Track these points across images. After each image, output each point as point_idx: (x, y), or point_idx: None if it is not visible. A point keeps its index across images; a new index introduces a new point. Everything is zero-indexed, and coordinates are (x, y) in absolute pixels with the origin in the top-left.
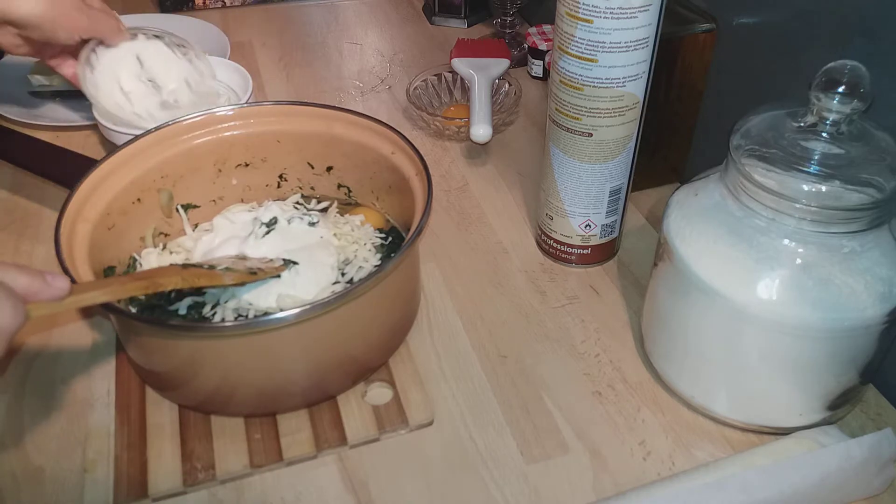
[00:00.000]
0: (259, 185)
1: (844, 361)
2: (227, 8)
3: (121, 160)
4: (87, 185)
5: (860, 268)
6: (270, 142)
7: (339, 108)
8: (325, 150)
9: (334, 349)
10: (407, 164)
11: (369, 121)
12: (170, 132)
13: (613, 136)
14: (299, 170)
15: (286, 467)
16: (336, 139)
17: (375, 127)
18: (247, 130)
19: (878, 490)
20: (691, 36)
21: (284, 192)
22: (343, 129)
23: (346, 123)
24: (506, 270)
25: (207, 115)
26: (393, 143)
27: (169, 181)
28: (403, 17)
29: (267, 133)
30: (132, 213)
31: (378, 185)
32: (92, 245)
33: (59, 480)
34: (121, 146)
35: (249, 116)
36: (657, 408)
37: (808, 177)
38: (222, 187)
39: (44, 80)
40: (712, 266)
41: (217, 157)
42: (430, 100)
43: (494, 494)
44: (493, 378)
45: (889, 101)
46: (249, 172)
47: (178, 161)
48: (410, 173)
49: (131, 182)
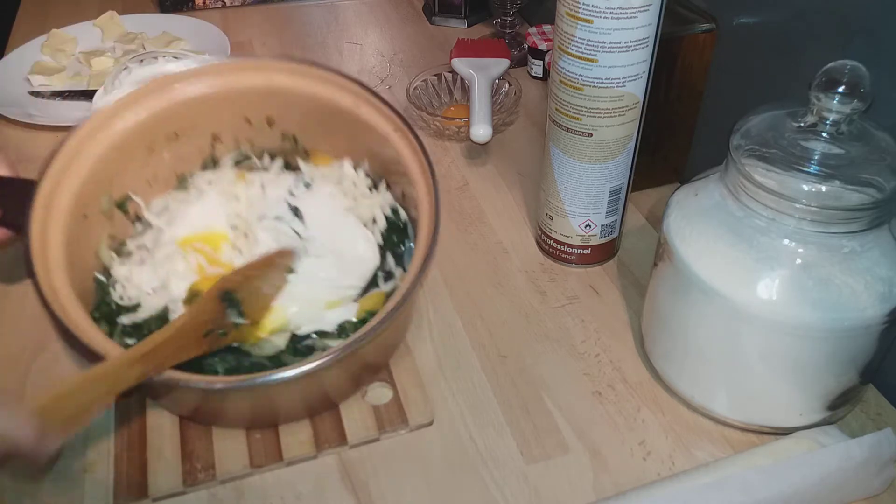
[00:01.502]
0: (191, 151)
1: (844, 361)
2: (227, 8)
3: (55, 179)
4: (38, 215)
5: (860, 268)
6: (199, 105)
7: (280, 57)
8: (264, 103)
9: (341, 375)
10: (378, 118)
11: (321, 70)
12: (93, 127)
13: (613, 136)
14: (234, 127)
15: (286, 467)
16: (277, 91)
17: (330, 77)
18: (171, 100)
19: (878, 490)
20: (691, 36)
21: (220, 154)
22: (287, 81)
23: (289, 74)
24: (506, 270)
25: (126, 96)
26: (355, 95)
27: (107, 182)
28: (403, 17)
29: (194, 98)
30: (83, 234)
31: (340, 139)
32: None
33: (59, 480)
34: (47, 162)
35: (174, 83)
36: (657, 408)
37: (808, 177)
38: (155, 166)
39: (44, 80)
40: (712, 266)
41: (146, 136)
42: (430, 100)
43: (494, 494)
44: (493, 378)
45: (889, 101)
46: (180, 143)
47: (112, 157)
48: (387, 129)
49: (75, 199)
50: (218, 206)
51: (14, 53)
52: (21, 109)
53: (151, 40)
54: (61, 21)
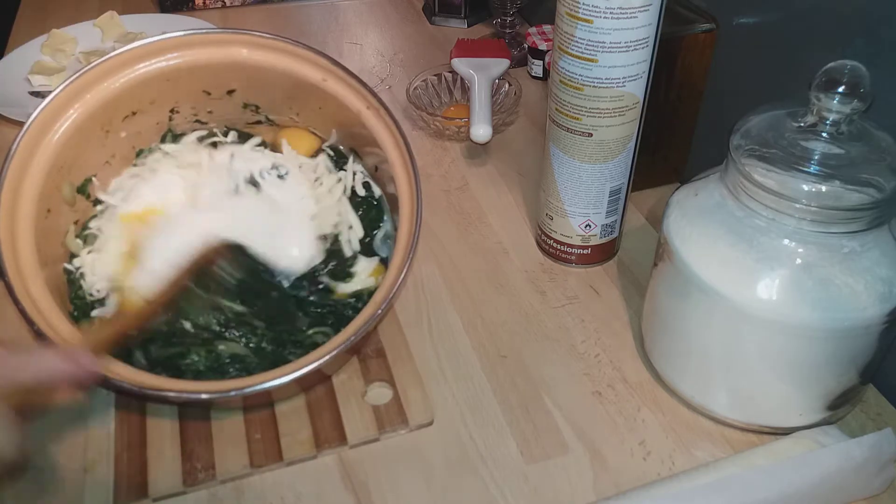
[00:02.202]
0: (149, 127)
1: (844, 361)
2: (227, 8)
3: (14, 180)
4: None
5: (860, 268)
6: (159, 82)
7: (240, 30)
8: (225, 77)
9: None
10: (347, 93)
11: (282, 41)
12: (49, 116)
13: (613, 136)
14: (193, 99)
15: (286, 467)
16: (238, 65)
17: (292, 49)
18: (130, 79)
19: (878, 490)
20: (691, 36)
21: (177, 125)
22: (248, 54)
23: (251, 47)
24: (506, 270)
25: (79, 77)
26: (323, 69)
27: (66, 170)
28: (403, 17)
29: (153, 76)
30: (51, 228)
31: (307, 113)
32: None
33: (59, 480)
34: (6, 160)
35: (131, 63)
36: (657, 408)
37: (808, 177)
38: (112, 146)
39: (44, 79)
40: (712, 266)
41: (102, 119)
42: (430, 100)
43: (494, 494)
44: (493, 378)
45: (889, 101)
46: (137, 120)
47: (69, 144)
48: (359, 106)
49: (39, 195)
50: (176, 178)
51: (14, 53)
52: (21, 109)
53: None
54: (61, 21)
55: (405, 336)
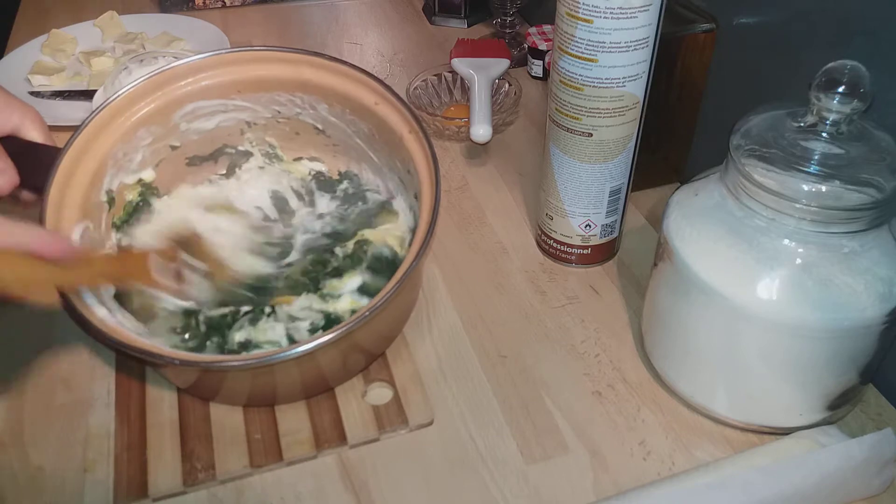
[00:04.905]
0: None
1: (844, 361)
2: (227, 8)
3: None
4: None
5: (860, 268)
6: (230, 92)
7: (309, 52)
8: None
9: (337, 360)
10: (395, 118)
11: (346, 66)
12: (115, 110)
13: (613, 136)
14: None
15: (286, 467)
16: (305, 84)
17: (353, 73)
18: (200, 86)
19: (878, 490)
20: (691, 36)
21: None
22: (313, 75)
23: (316, 68)
24: (506, 270)
25: (157, 75)
26: (376, 94)
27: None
28: (403, 17)
29: (225, 83)
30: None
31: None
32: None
33: (59, 480)
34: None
35: (204, 69)
36: (657, 408)
37: (808, 177)
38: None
39: (44, 79)
40: (712, 266)
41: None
42: (430, 100)
43: (494, 494)
44: (493, 378)
45: (889, 101)
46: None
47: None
48: (402, 130)
49: (92, 174)
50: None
51: (14, 53)
52: None
53: (151, 40)
54: (61, 21)
55: (405, 336)
